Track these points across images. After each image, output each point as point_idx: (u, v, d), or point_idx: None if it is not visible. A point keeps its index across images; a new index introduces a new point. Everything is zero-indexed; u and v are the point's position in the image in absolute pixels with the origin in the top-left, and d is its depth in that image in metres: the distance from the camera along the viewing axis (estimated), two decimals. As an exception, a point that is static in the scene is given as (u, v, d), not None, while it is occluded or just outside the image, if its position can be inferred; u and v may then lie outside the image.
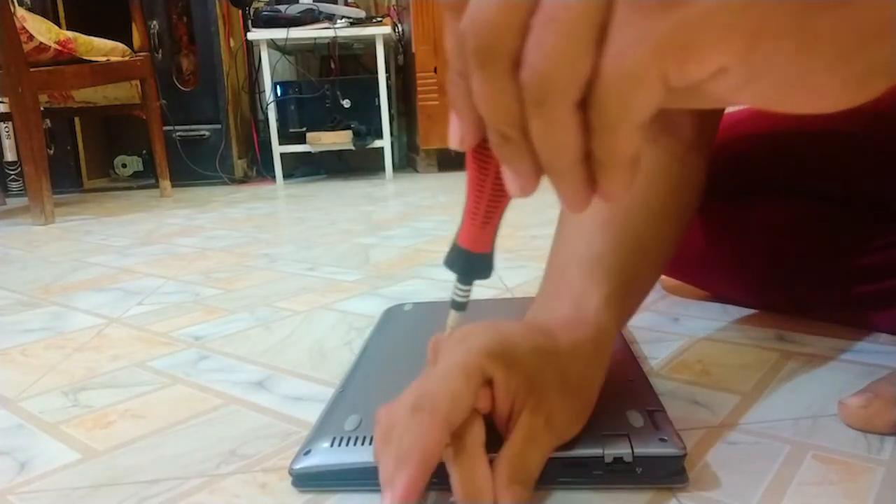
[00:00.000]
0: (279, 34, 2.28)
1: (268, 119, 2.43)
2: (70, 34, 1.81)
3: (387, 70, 2.47)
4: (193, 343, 0.67)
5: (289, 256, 1.10)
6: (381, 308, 0.66)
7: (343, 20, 2.32)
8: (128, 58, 1.99)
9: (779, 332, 0.59)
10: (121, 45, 1.97)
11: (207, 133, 2.50)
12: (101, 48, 1.90)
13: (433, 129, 2.42)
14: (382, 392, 0.44)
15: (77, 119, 2.52)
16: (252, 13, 2.38)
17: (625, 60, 0.19)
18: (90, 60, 1.85)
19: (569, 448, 0.36)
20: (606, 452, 0.35)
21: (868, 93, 0.21)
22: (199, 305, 0.82)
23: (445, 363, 0.35)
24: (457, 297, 0.31)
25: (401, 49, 2.80)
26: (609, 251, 0.43)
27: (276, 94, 2.43)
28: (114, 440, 0.46)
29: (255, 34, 2.31)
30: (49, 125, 2.43)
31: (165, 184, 2.16)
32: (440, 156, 2.52)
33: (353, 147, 2.43)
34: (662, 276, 0.78)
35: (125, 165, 2.68)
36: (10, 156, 2.51)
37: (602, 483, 0.36)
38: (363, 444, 0.37)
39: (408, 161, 2.92)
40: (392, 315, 0.62)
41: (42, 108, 2.03)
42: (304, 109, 2.46)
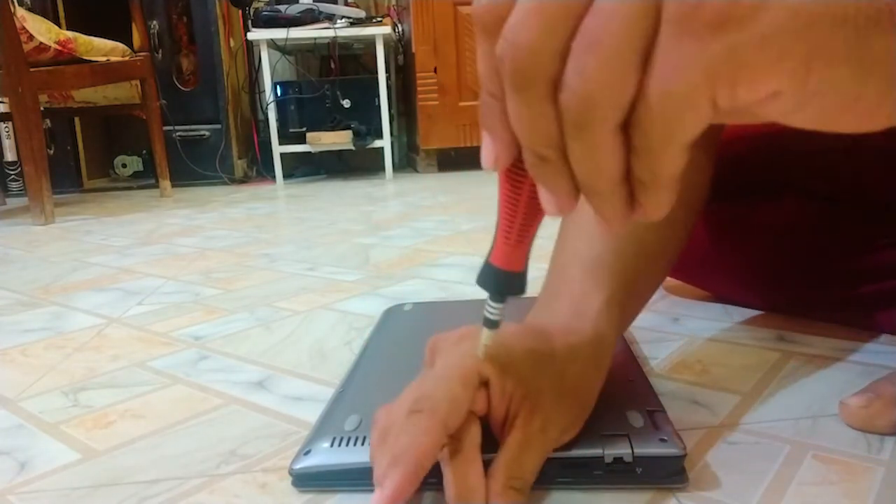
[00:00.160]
0: (279, 34, 2.28)
1: (268, 119, 2.43)
2: (70, 34, 1.81)
3: (387, 70, 2.47)
4: (193, 343, 0.67)
5: (289, 256, 1.10)
6: (381, 308, 0.66)
7: (343, 20, 2.32)
8: (128, 58, 1.99)
9: (779, 332, 0.59)
10: (121, 45, 1.97)
11: (207, 133, 2.50)
12: (101, 48, 1.90)
13: (433, 129, 2.42)
14: (382, 392, 0.44)
15: (77, 119, 2.52)
16: (252, 13, 2.38)
17: (672, 84, 0.19)
18: (90, 60, 1.85)
19: (569, 448, 0.36)
20: (606, 452, 0.35)
21: None
22: (199, 305, 0.82)
23: (443, 365, 0.35)
24: (489, 315, 0.31)
25: (401, 49, 2.80)
26: (611, 252, 0.43)
27: (276, 94, 2.43)
28: (114, 440, 0.46)
29: (255, 34, 2.31)
30: (49, 125, 2.43)
31: (165, 184, 2.16)
32: (440, 156, 2.52)
33: (353, 147, 2.43)
34: (662, 276, 0.78)
35: (125, 165, 2.68)
36: (10, 156, 2.51)
37: (602, 483, 0.36)
38: (363, 444, 0.37)
39: (408, 161, 2.92)
40: (392, 315, 0.62)
41: (42, 108, 2.03)
42: (304, 109, 2.46)
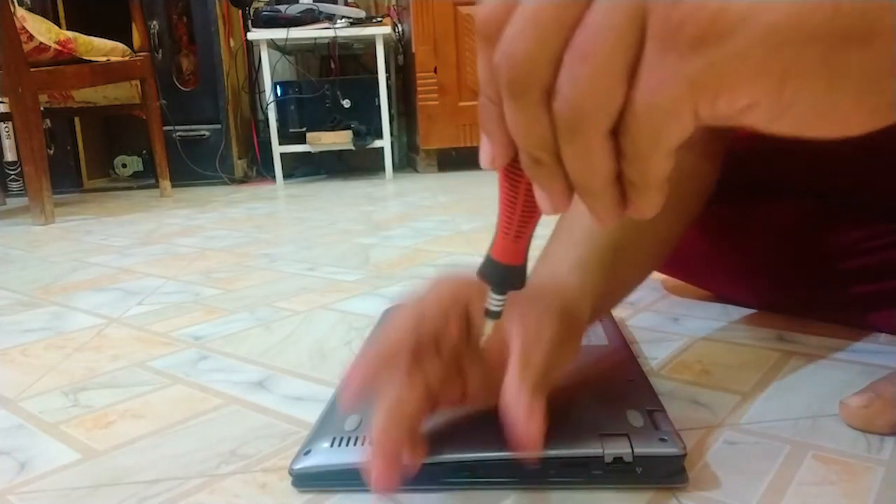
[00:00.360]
0: (279, 34, 2.28)
1: (268, 119, 2.43)
2: (70, 34, 1.81)
3: (387, 70, 2.47)
4: (193, 343, 0.67)
5: (289, 256, 1.10)
6: (381, 308, 0.66)
7: (343, 20, 2.32)
8: (128, 58, 1.99)
9: (779, 332, 0.59)
10: (121, 45, 1.97)
11: (207, 133, 2.50)
12: (101, 48, 1.90)
13: (433, 129, 2.42)
14: (382, 392, 0.44)
15: (77, 119, 2.52)
16: (252, 13, 2.38)
17: (656, 96, 0.20)
18: (90, 60, 1.85)
19: (569, 448, 0.36)
20: (606, 452, 0.35)
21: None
22: (199, 305, 0.82)
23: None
24: (491, 307, 0.32)
25: (401, 49, 2.80)
26: (593, 257, 0.43)
27: (276, 94, 2.43)
28: (114, 440, 0.46)
29: (255, 34, 2.31)
30: (49, 125, 2.43)
31: (165, 184, 2.16)
32: (440, 156, 2.52)
33: (353, 147, 2.43)
34: (663, 277, 0.78)
35: (125, 165, 2.68)
36: (10, 156, 2.51)
37: (602, 483, 0.36)
38: (363, 444, 0.37)
39: (408, 161, 2.92)
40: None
41: (42, 108, 2.03)
42: (304, 109, 2.46)
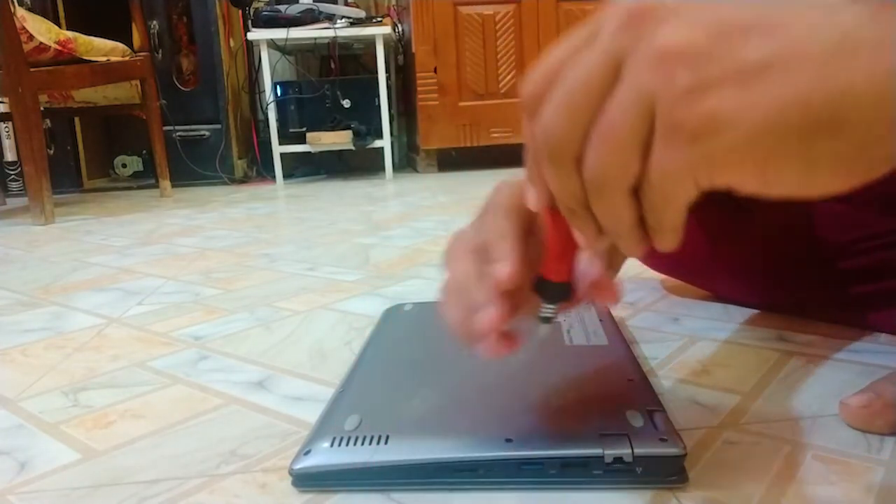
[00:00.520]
0: (279, 34, 2.28)
1: (268, 119, 2.43)
2: (70, 34, 1.81)
3: (387, 70, 2.47)
4: (193, 343, 0.67)
5: (289, 256, 1.10)
6: (381, 308, 0.66)
7: (343, 20, 2.32)
8: (128, 58, 1.99)
9: (779, 332, 0.59)
10: (121, 45, 1.97)
11: (207, 133, 2.50)
12: (101, 48, 1.90)
13: (433, 129, 2.42)
14: (382, 392, 0.45)
15: (77, 119, 2.52)
16: (252, 13, 2.38)
17: (664, 174, 0.24)
18: (90, 60, 1.85)
19: (569, 448, 0.36)
20: (606, 452, 0.35)
21: (875, 175, 0.24)
22: (199, 305, 0.82)
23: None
24: (543, 314, 0.36)
25: (401, 49, 2.80)
26: None
27: (276, 94, 2.43)
28: (114, 440, 0.46)
29: (255, 34, 2.31)
30: (49, 125, 2.43)
31: (165, 184, 2.16)
32: (440, 156, 2.52)
33: (353, 147, 2.43)
34: (663, 277, 0.78)
35: (125, 165, 2.68)
36: (10, 156, 2.51)
37: (602, 483, 0.36)
38: (363, 444, 0.37)
39: (408, 161, 2.92)
40: (392, 315, 0.62)
41: (42, 108, 2.03)
42: (304, 109, 2.46)
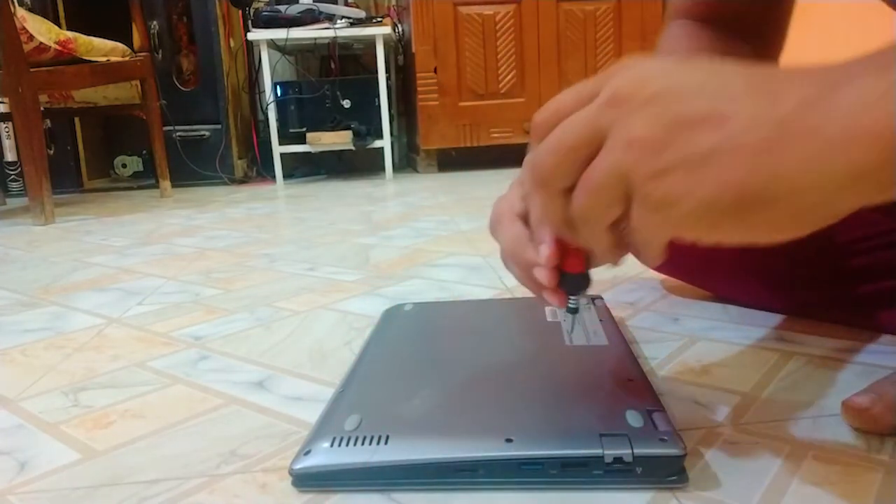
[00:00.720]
0: (279, 34, 2.28)
1: (268, 119, 2.43)
2: (70, 34, 1.81)
3: (387, 70, 2.47)
4: (193, 343, 0.67)
5: (289, 256, 1.10)
6: (381, 308, 0.66)
7: (343, 20, 2.31)
8: (128, 58, 1.99)
9: (779, 332, 0.59)
10: (121, 46, 1.97)
11: (207, 133, 2.50)
12: (102, 48, 1.90)
13: (433, 129, 2.42)
14: (382, 392, 0.45)
15: (77, 119, 2.52)
16: (252, 13, 2.38)
17: (641, 226, 0.30)
18: (90, 60, 1.85)
19: (569, 448, 0.36)
20: (606, 452, 0.35)
21: (818, 228, 0.28)
22: (199, 305, 0.82)
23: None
24: (571, 305, 0.40)
25: (401, 49, 2.80)
26: None
27: (276, 94, 2.43)
28: (114, 440, 0.46)
29: (255, 34, 2.31)
30: (49, 125, 2.43)
31: (165, 184, 2.16)
32: (440, 156, 2.52)
33: (353, 147, 2.43)
34: (663, 276, 0.78)
35: (125, 165, 2.68)
36: (10, 156, 2.51)
37: (602, 483, 0.36)
38: (363, 444, 0.37)
39: (408, 161, 2.92)
40: (392, 315, 0.62)
41: (42, 108, 2.03)
42: (304, 109, 2.46)
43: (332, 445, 0.38)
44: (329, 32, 2.32)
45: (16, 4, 1.62)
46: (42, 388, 0.57)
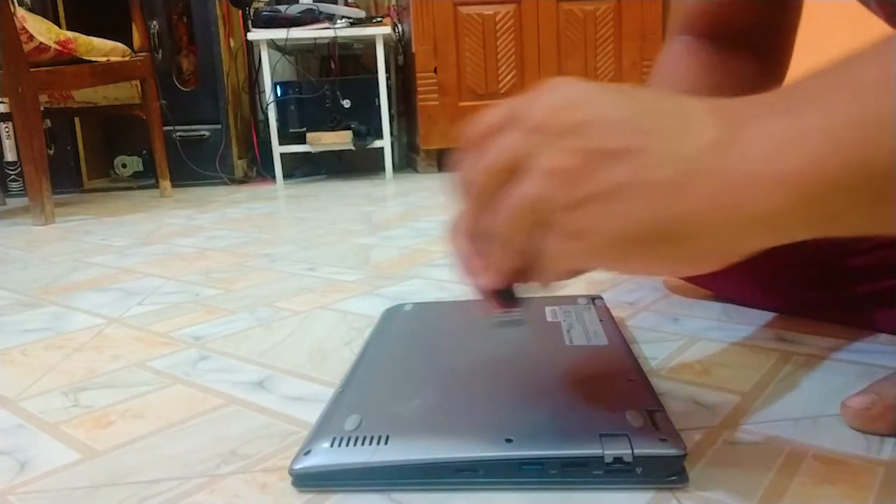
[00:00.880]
0: (279, 34, 2.28)
1: (268, 119, 2.43)
2: (70, 34, 1.81)
3: (387, 70, 2.47)
4: (193, 343, 0.67)
5: (289, 256, 1.10)
6: (381, 308, 0.66)
7: (343, 20, 2.31)
8: (128, 58, 1.99)
9: (779, 332, 0.59)
10: (121, 46, 1.97)
11: (207, 133, 2.50)
12: (102, 48, 1.90)
13: (433, 129, 2.42)
14: (382, 392, 0.45)
15: (77, 119, 2.52)
16: (252, 13, 2.38)
17: (547, 253, 0.31)
18: (90, 60, 1.85)
19: (569, 448, 0.36)
20: (606, 452, 0.35)
21: (735, 260, 0.28)
22: (199, 305, 0.82)
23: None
24: (497, 318, 0.42)
25: (401, 49, 2.80)
26: None
27: (276, 94, 2.43)
28: (114, 440, 0.46)
29: (255, 34, 2.31)
30: (49, 125, 2.43)
31: (165, 184, 2.16)
32: (440, 156, 2.52)
33: (353, 147, 2.43)
34: (663, 276, 0.78)
35: (125, 165, 2.67)
36: (10, 156, 2.51)
37: (602, 483, 0.36)
38: (363, 444, 0.37)
39: (408, 161, 2.92)
40: (392, 315, 0.62)
41: (42, 108, 2.03)
42: (304, 109, 2.46)
43: (332, 445, 0.38)
44: (329, 32, 2.32)
45: (16, 4, 1.62)
46: (42, 388, 0.57)
